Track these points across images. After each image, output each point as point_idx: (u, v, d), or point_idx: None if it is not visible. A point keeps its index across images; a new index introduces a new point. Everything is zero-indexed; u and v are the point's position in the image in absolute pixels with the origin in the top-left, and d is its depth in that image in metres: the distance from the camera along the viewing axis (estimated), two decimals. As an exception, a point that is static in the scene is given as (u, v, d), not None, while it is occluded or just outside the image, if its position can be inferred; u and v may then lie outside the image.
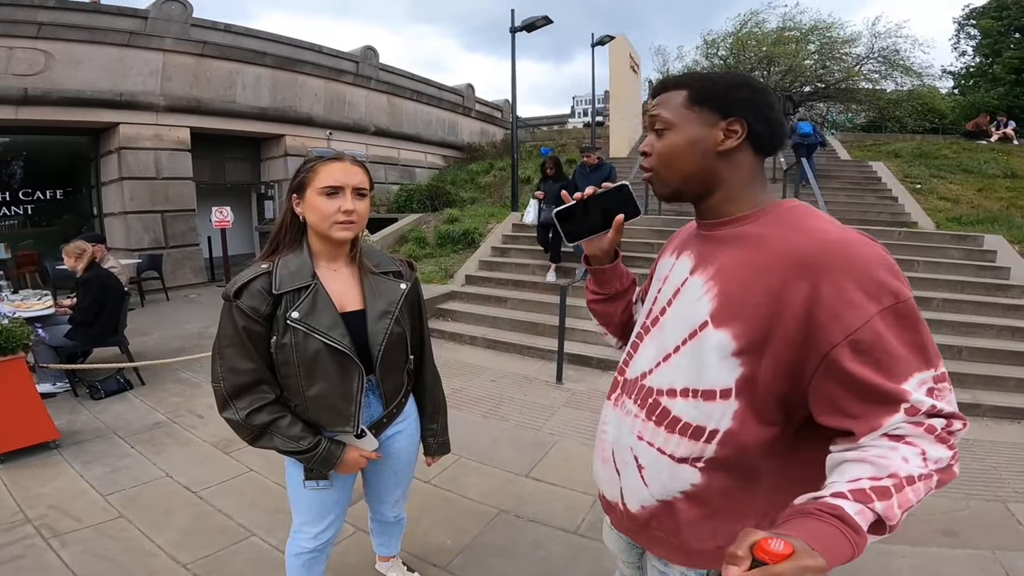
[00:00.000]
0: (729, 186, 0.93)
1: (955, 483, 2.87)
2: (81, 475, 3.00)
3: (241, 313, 1.36)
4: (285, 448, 1.42)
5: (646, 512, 1.00)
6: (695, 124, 0.91)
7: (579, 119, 58.24)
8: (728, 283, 0.87)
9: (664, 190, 0.98)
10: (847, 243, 0.79)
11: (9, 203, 8.67)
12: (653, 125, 0.96)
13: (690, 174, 0.93)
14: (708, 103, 0.90)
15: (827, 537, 0.62)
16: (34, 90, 7.76)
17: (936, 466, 0.73)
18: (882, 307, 0.75)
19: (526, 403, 4.13)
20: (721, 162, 0.91)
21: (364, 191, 1.41)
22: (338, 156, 1.40)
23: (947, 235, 6.91)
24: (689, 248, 1.00)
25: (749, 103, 0.89)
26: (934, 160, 11.34)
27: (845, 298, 0.75)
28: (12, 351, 3.11)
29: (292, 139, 11.10)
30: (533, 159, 14.36)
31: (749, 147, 0.91)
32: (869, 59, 21.36)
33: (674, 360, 0.93)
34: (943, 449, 0.73)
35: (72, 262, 4.18)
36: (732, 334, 0.84)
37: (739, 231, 0.91)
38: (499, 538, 2.48)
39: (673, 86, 0.95)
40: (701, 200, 0.96)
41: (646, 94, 23.06)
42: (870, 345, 0.74)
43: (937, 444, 0.73)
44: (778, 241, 0.84)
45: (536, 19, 9.28)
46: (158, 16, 8.97)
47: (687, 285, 0.95)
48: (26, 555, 2.31)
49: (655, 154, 0.95)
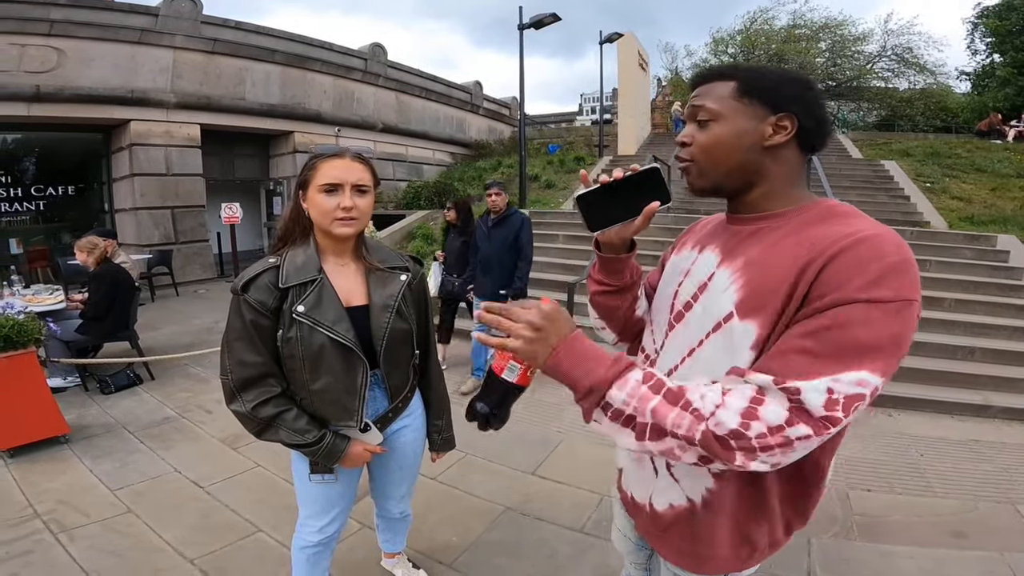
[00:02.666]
0: (771, 182, 0.90)
1: (964, 484, 2.85)
2: (90, 470, 3.03)
3: (248, 307, 1.37)
4: (290, 441, 1.44)
5: (672, 512, 0.99)
6: (743, 117, 0.88)
7: (587, 116, 58.03)
8: (755, 274, 0.85)
9: (703, 182, 0.94)
10: (874, 236, 0.76)
11: (21, 199, 8.76)
12: (695, 115, 0.92)
13: (733, 167, 0.90)
14: (757, 96, 0.87)
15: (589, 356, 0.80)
16: (46, 87, 7.82)
17: (712, 426, 0.72)
18: (868, 298, 0.72)
19: (533, 401, 4.11)
20: (766, 157, 0.89)
21: (365, 187, 1.41)
22: (338, 153, 1.41)
23: (960, 235, 6.83)
24: (714, 242, 0.98)
25: (800, 99, 0.87)
26: (947, 159, 11.21)
27: (841, 278, 0.74)
28: (23, 345, 3.14)
29: (301, 136, 11.14)
30: (541, 156, 14.35)
31: (795, 143, 0.89)
32: (882, 57, 21.15)
33: (698, 354, 0.92)
34: (736, 419, 0.72)
35: (83, 257, 4.22)
36: (757, 324, 0.83)
37: (774, 225, 0.89)
38: (505, 536, 2.48)
39: (719, 76, 0.91)
40: (739, 194, 0.94)
41: (655, 92, 22.99)
42: (826, 326, 0.73)
43: (737, 414, 0.72)
44: (813, 234, 0.82)
45: (544, 16, 9.25)
46: (168, 13, 9.02)
47: (714, 279, 0.92)
48: (35, 550, 2.33)
49: (697, 145, 0.92)
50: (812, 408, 0.71)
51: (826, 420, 0.71)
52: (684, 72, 25.27)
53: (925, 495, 2.83)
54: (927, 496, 2.83)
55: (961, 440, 3.46)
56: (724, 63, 1.20)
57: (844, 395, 0.71)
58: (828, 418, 0.71)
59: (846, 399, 0.71)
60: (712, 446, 0.72)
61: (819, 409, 0.70)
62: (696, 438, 0.73)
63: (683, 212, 8.04)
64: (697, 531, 0.96)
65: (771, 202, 0.91)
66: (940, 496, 2.83)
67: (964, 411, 3.95)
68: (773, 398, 0.73)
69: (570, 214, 9.33)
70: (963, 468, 3.14)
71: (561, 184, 11.87)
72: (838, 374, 0.71)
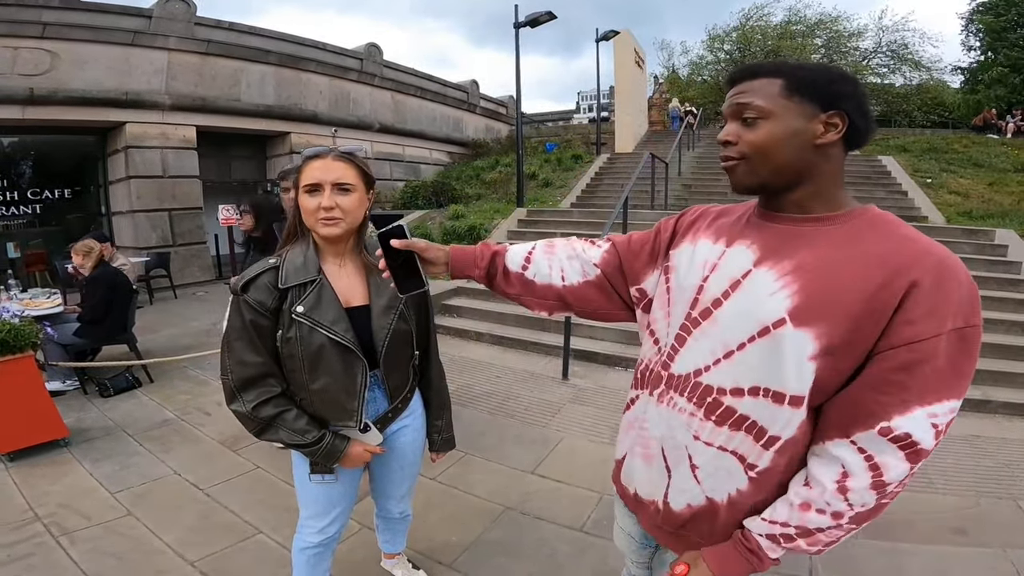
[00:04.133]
0: (820, 180, 0.90)
1: (966, 480, 2.85)
2: (90, 473, 3.02)
3: (248, 307, 1.38)
4: (290, 441, 1.44)
5: (689, 512, 0.98)
6: (793, 115, 0.87)
7: (584, 115, 58.04)
8: (813, 281, 0.84)
9: (751, 180, 0.92)
10: (946, 258, 0.79)
11: (18, 202, 8.73)
12: (740, 114, 0.91)
13: (783, 166, 0.89)
14: (808, 94, 0.86)
15: (730, 560, 0.92)
16: (40, 90, 7.79)
17: (859, 510, 0.83)
18: (954, 327, 0.76)
19: (532, 399, 4.12)
20: (817, 155, 0.88)
21: (347, 186, 1.38)
22: (319, 153, 1.39)
23: (958, 229, 6.84)
24: (747, 238, 0.95)
25: (851, 96, 0.86)
26: (944, 154, 11.24)
27: (924, 309, 0.76)
28: (21, 349, 3.13)
29: (297, 137, 11.11)
30: (538, 155, 14.35)
31: (841, 142, 0.89)
32: (877, 53, 21.18)
33: (739, 357, 0.90)
34: (873, 495, 0.82)
35: (80, 260, 4.20)
36: (814, 334, 0.82)
37: (826, 230, 0.88)
38: (505, 535, 2.48)
39: (763, 73, 0.90)
40: (785, 192, 0.92)
41: (652, 89, 22.98)
42: (919, 359, 0.77)
43: (871, 490, 0.81)
44: (876, 245, 0.83)
45: (540, 15, 9.23)
46: (162, 15, 8.99)
47: (751, 278, 0.90)
48: (36, 553, 2.33)
49: (747, 143, 0.90)
50: (927, 446, 0.79)
51: (935, 446, 0.80)
52: (680, 69, 25.29)
53: (926, 491, 2.83)
54: (928, 492, 2.82)
55: (962, 436, 3.46)
56: (767, 60, 1.20)
57: (944, 423, 0.79)
58: (936, 444, 0.80)
59: (946, 426, 0.79)
60: (869, 518, 0.85)
61: (931, 444, 0.79)
62: (853, 527, 0.85)
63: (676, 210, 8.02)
64: (717, 528, 0.96)
65: (818, 203, 0.90)
66: (941, 493, 2.83)
67: (964, 406, 3.82)
68: (887, 456, 0.80)
69: (566, 212, 9.33)
70: (964, 464, 3.14)
71: (558, 182, 11.87)
72: (935, 405, 0.77)
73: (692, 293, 0.99)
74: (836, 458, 0.83)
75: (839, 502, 0.81)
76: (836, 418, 0.83)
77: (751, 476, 0.91)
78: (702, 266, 0.99)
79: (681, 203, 8.31)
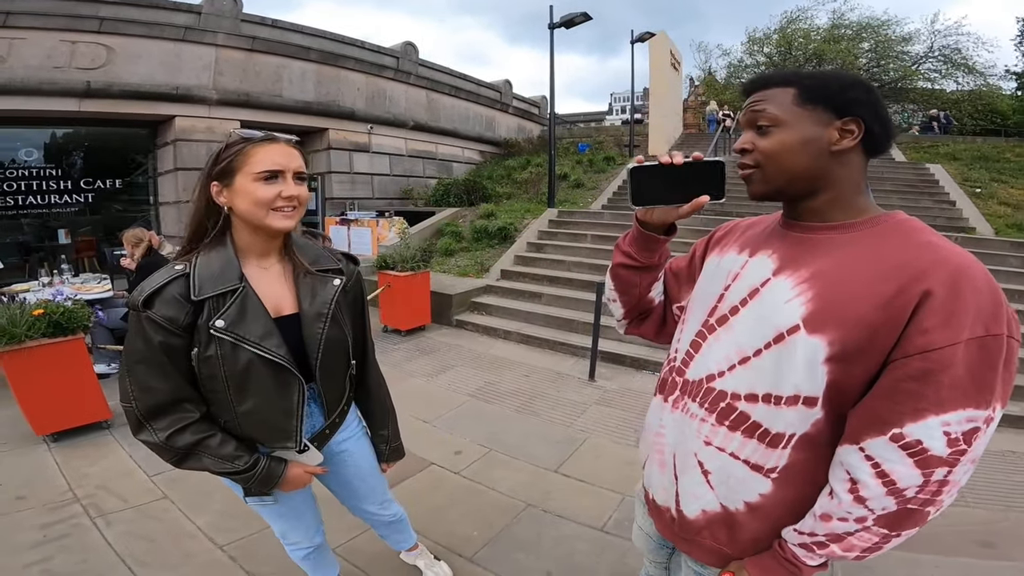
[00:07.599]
0: (839, 187, 0.90)
1: (995, 494, 2.77)
2: (130, 455, 3.13)
3: (154, 325, 1.16)
4: (218, 469, 1.25)
5: (704, 518, 0.99)
6: (807, 122, 0.88)
7: (616, 116, 57.45)
8: (828, 288, 0.84)
9: (765, 188, 0.93)
10: (965, 266, 0.78)
11: (71, 191, 9.15)
12: (754, 122, 0.92)
13: (799, 173, 0.89)
14: (821, 101, 0.87)
15: (771, 570, 0.91)
16: (96, 83, 8.14)
17: (881, 512, 0.81)
18: (972, 336, 0.74)
19: (558, 399, 4.13)
20: (833, 162, 0.88)
21: (304, 175, 1.27)
22: (272, 138, 1.23)
23: (1007, 242, 6.56)
24: (768, 248, 0.96)
25: (865, 102, 0.87)
26: (995, 163, 10.76)
27: (938, 318, 0.74)
28: (72, 331, 3.26)
29: (335, 133, 11.34)
30: (570, 156, 14.30)
31: (860, 148, 0.89)
32: (928, 58, 20.41)
33: (755, 364, 0.91)
34: (891, 500, 0.80)
35: (130, 249, 4.40)
36: (827, 340, 0.82)
37: (845, 237, 0.88)
38: (525, 532, 2.50)
39: (777, 83, 0.92)
40: (803, 200, 0.93)
41: (687, 91, 22.66)
42: (934, 369, 0.74)
43: (887, 496, 0.80)
44: (894, 252, 0.82)
45: (575, 15, 9.20)
46: (210, 11, 9.30)
47: (770, 286, 0.92)
48: (72, 533, 2.41)
49: (760, 151, 0.91)
50: (937, 453, 0.76)
51: (955, 455, 0.76)
52: (718, 72, 24.85)
53: (956, 504, 2.69)
54: (956, 506, 2.72)
55: (996, 451, 3.34)
56: (780, 69, 1.17)
57: (960, 432, 0.75)
58: (956, 452, 0.76)
59: (963, 435, 0.75)
60: (903, 524, 0.81)
61: (943, 451, 0.76)
62: (885, 532, 0.82)
63: (712, 214, 7.91)
64: (743, 536, 0.95)
65: (838, 211, 0.90)
66: (970, 506, 2.75)
67: (1002, 422, 3.77)
68: (895, 464, 0.78)
69: (598, 214, 9.28)
70: (996, 479, 3.05)
71: (590, 184, 11.80)
72: (950, 414, 0.75)
73: (712, 301, 1.01)
74: (841, 464, 0.83)
75: (859, 509, 0.81)
76: (852, 425, 0.83)
77: (772, 478, 0.91)
78: (725, 276, 1.01)
79: (714, 206, 8.16)
